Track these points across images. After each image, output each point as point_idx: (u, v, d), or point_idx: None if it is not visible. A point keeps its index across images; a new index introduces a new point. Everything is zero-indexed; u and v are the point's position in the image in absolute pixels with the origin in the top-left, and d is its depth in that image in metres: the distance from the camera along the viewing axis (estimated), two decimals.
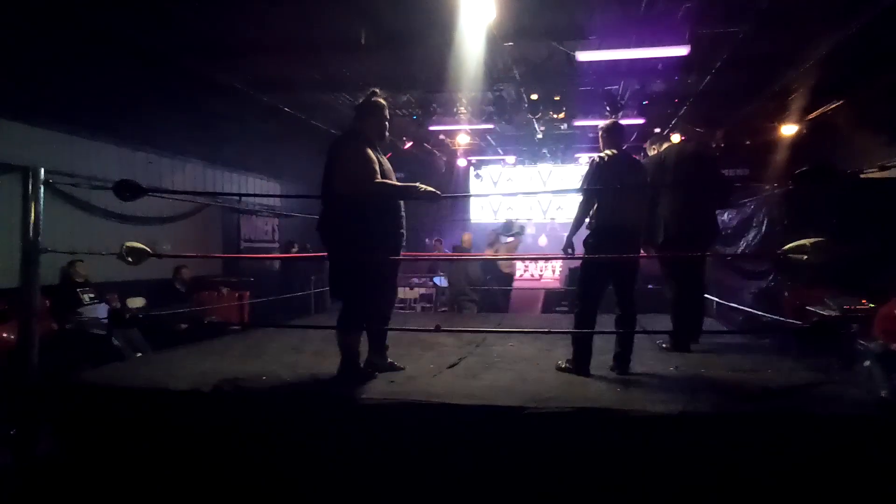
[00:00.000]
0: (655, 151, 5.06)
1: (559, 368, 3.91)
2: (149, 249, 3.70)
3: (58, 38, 6.29)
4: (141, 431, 3.30)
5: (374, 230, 3.52)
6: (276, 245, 13.07)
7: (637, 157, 4.26)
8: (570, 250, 4.06)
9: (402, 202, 3.71)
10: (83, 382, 3.56)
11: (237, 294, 9.28)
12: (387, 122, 3.74)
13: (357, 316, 3.65)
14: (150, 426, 3.31)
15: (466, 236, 10.03)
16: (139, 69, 7.42)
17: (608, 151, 4.03)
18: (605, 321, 4.20)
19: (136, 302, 7.69)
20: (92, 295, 6.82)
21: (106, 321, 6.57)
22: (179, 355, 4.44)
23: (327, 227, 3.60)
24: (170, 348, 4.89)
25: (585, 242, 4.01)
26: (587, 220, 3.97)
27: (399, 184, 3.65)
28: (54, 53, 6.49)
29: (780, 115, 9.85)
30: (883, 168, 3.88)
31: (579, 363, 3.82)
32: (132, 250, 3.62)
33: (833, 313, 6.55)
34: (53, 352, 5.31)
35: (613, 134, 4.16)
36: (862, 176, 7.80)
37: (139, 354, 6.17)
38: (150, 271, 8.22)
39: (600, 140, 4.23)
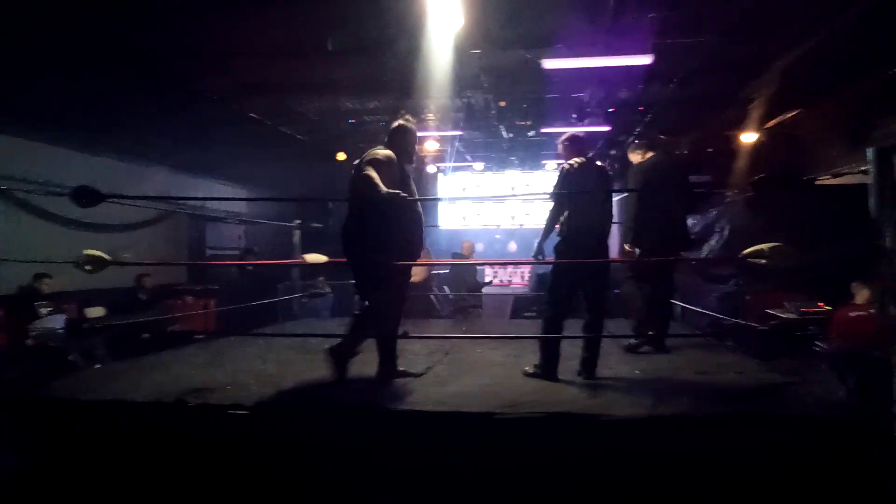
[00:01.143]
0: (641, 157, 5.13)
1: (526, 374, 3.93)
2: (108, 257, 3.60)
3: (11, 39, 6.10)
4: (100, 444, 3.20)
5: (384, 237, 3.59)
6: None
7: (602, 165, 4.34)
8: (540, 256, 4.11)
9: (420, 213, 3.85)
10: (39, 395, 3.44)
11: (202, 302, 9.10)
12: (414, 144, 3.97)
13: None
14: (110, 438, 3.21)
15: (467, 244, 10.03)
16: (100, 74, 7.25)
17: (577, 159, 4.09)
18: (572, 325, 4.23)
19: (96, 312, 7.50)
20: (50, 308, 6.62)
21: (63, 332, 6.38)
22: (141, 365, 4.33)
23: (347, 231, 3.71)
24: (131, 359, 4.75)
25: (556, 248, 4.06)
26: (558, 226, 4.03)
27: (377, 183, 3.54)
28: (6, 55, 6.29)
29: (742, 124, 10.09)
30: (836, 175, 3.99)
31: (547, 368, 3.85)
32: (90, 258, 3.52)
33: (792, 316, 6.75)
34: (7, 364, 5.16)
35: (576, 144, 4.25)
36: (817, 182, 8.02)
37: (98, 366, 6.00)
38: (111, 280, 8.02)
39: (562, 151, 4.31)
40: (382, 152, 3.68)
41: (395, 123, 3.98)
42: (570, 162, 4.08)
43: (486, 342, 5.06)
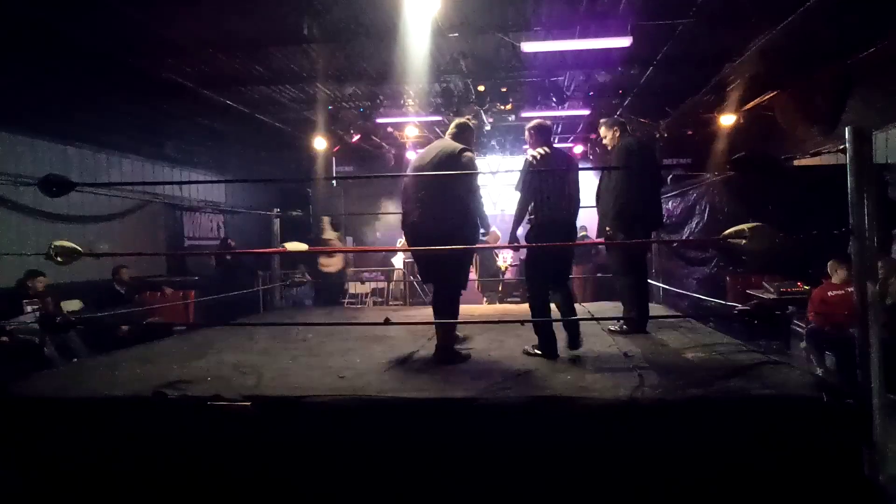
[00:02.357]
0: (614, 135, 5.07)
1: (527, 353, 4.04)
2: (79, 248, 3.51)
3: None
4: (74, 441, 3.14)
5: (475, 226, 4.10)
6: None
7: (567, 152, 4.51)
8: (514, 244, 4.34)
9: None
10: (10, 393, 3.35)
11: (181, 293, 8.98)
12: (474, 141, 4.42)
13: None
14: (85, 436, 3.14)
15: (493, 234, 10.10)
16: (71, 62, 7.06)
17: (541, 150, 4.18)
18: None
19: (72, 305, 7.36)
20: (37, 306, 6.48)
21: (38, 327, 6.25)
22: (118, 359, 4.24)
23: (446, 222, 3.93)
24: (109, 352, 4.67)
25: (527, 237, 4.21)
26: (527, 216, 4.16)
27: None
28: None
29: (719, 106, 10.15)
30: (815, 155, 4.02)
31: (546, 348, 3.97)
32: (62, 250, 3.43)
33: (771, 296, 6.84)
34: None
35: (542, 133, 4.33)
36: (795, 163, 8.11)
37: (75, 360, 5.91)
38: (87, 272, 7.89)
39: (529, 139, 4.37)
40: (469, 151, 4.04)
41: (462, 120, 4.35)
42: (534, 153, 4.16)
43: (470, 328, 5.04)
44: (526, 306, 4.40)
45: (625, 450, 2.83)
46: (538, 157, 4.12)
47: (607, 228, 4.91)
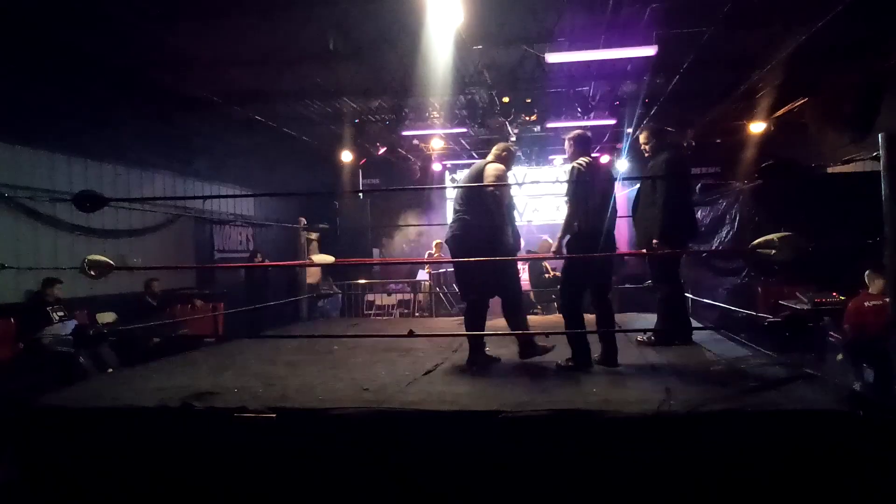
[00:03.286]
0: (658, 143, 4.87)
1: (560, 367, 3.98)
2: (112, 262, 3.59)
3: (17, 49, 6.13)
4: (105, 452, 3.19)
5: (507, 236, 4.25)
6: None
7: (604, 163, 4.46)
8: (563, 253, 4.26)
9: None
10: (45, 403, 3.43)
11: (211, 306, 9.12)
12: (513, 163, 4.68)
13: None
14: (115, 446, 3.20)
15: (544, 243, 10.06)
16: (105, 82, 7.28)
17: (585, 159, 4.17)
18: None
19: (107, 317, 7.52)
20: (62, 313, 6.64)
21: (74, 338, 6.39)
22: (149, 371, 4.32)
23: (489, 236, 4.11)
24: (141, 364, 4.75)
25: (568, 246, 4.17)
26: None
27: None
28: (12, 65, 6.32)
29: (748, 114, 10.00)
30: (847, 162, 3.93)
31: (580, 359, 3.94)
32: (94, 264, 3.52)
33: (804, 307, 6.65)
34: (17, 372, 5.18)
35: (582, 143, 4.33)
36: (829, 170, 7.92)
37: (110, 370, 6.04)
38: (120, 285, 8.07)
39: (570, 148, 4.35)
40: (502, 167, 4.28)
41: (505, 144, 4.61)
42: (580, 162, 4.16)
43: (494, 339, 5.01)
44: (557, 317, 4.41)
45: (650, 465, 2.77)
46: (584, 165, 4.13)
47: (654, 241, 4.63)
